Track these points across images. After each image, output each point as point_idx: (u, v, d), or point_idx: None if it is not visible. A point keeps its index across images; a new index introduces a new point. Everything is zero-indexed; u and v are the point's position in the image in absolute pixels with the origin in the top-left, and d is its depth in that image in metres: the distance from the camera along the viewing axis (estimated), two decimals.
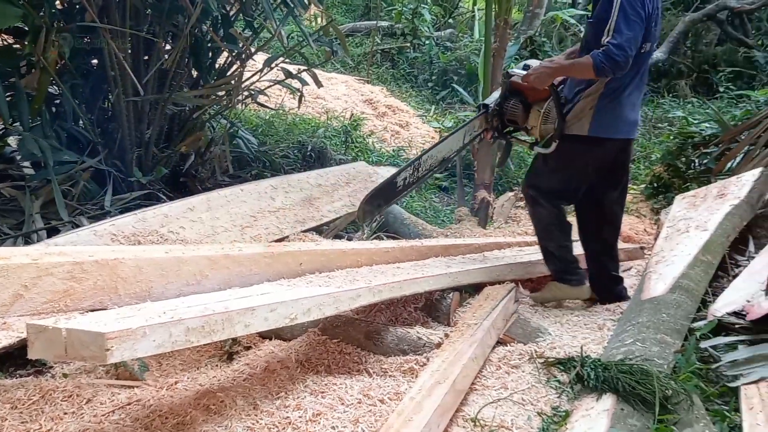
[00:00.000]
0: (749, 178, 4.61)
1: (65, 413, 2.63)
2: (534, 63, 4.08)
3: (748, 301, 3.33)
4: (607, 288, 4.27)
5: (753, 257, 4.04)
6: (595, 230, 4.24)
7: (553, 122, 3.97)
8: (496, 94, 4.27)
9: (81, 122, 4.51)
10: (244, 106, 6.42)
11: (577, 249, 4.33)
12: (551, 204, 4.10)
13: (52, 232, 3.73)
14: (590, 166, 4.02)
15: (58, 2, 4.33)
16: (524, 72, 4.01)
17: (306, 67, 4.97)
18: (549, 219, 4.12)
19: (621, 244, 5.49)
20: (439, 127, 8.35)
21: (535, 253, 4.45)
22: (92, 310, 2.70)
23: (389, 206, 4.37)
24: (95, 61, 4.46)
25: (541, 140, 4.07)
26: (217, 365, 3.23)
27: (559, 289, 4.19)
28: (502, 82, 4.22)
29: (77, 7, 4.26)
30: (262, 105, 6.01)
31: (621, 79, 3.78)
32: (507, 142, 4.39)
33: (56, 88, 4.40)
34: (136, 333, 2.06)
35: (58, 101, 4.53)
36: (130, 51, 4.42)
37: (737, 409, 2.67)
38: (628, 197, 6.61)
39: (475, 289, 3.98)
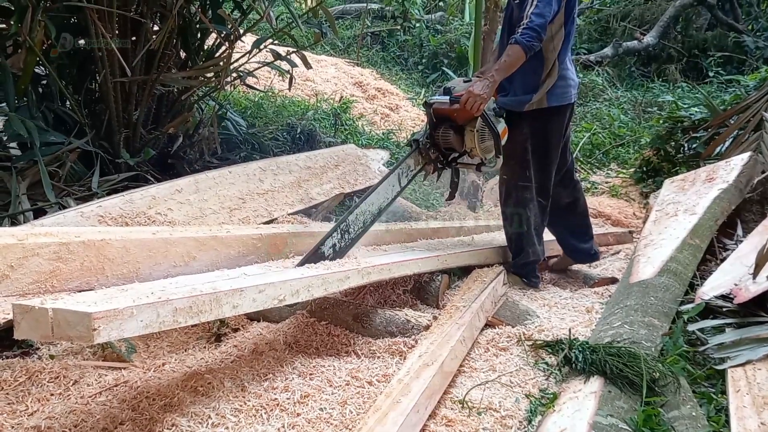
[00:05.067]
0: (738, 162, 4.63)
1: (52, 394, 2.62)
2: (456, 84, 3.92)
3: (736, 285, 3.36)
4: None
5: (741, 241, 4.06)
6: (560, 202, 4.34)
7: (489, 138, 3.88)
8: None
9: (68, 103, 4.47)
10: (232, 88, 6.39)
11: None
12: (540, 198, 4.11)
13: (39, 213, 3.70)
14: (563, 131, 4.08)
15: None
16: (446, 98, 3.82)
17: (295, 49, 4.94)
18: (538, 217, 4.14)
19: (610, 228, 5.53)
20: None
21: None
22: (79, 291, 2.69)
23: None
24: (82, 41, 4.41)
25: (485, 159, 3.97)
26: (204, 347, 3.22)
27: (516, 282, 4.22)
28: (425, 112, 3.92)
29: None
30: (251, 87, 5.98)
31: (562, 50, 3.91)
32: (454, 170, 4.12)
33: (43, 68, 4.36)
34: (123, 313, 2.05)
35: (44, 82, 4.49)
36: (117, 32, 4.37)
37: (724, 392, 2.69)
38: (617, 181, 6.67)
39: (464, 271, 3.99)
